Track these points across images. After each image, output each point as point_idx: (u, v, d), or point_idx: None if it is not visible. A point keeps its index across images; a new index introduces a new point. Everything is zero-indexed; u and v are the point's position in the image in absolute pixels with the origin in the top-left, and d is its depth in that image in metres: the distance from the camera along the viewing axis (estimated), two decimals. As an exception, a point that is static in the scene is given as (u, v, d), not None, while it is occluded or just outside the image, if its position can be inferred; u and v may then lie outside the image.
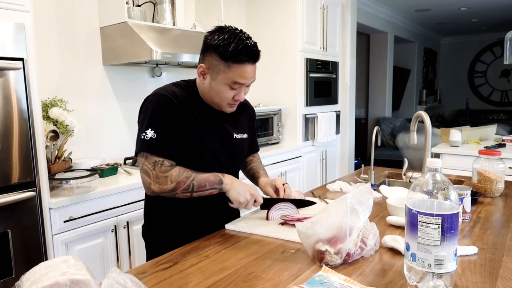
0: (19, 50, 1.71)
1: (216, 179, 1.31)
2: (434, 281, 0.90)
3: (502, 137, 3.59)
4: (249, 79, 1.32)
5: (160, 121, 1.28)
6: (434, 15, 6.58)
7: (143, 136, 1.27)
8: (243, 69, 1.28)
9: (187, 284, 0.99)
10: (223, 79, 1.29)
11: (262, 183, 1.55)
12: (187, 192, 1.28)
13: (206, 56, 1.31)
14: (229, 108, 1.39)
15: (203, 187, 1.29)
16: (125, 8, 2.39)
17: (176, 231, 1.41)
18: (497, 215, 1.51)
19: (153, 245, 1.46)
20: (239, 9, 3.70)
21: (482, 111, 8.79)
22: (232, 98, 1.34)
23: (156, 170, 1.26)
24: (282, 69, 3.63)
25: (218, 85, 1.31)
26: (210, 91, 1.34)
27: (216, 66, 1.29)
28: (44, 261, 0.83)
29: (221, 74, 1.29)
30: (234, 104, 1.38)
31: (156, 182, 1.26)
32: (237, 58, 1.26)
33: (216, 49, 1.27)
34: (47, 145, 2.07)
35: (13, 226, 1.72)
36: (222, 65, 1.28)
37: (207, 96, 1.37)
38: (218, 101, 1.35)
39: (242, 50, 1.26)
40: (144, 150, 1.28)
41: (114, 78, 2.68)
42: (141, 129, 1.29)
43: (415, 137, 1.91)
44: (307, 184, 3.66)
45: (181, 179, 1.26)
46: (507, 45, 2.88)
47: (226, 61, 1.26)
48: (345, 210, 1.05)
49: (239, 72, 1.28)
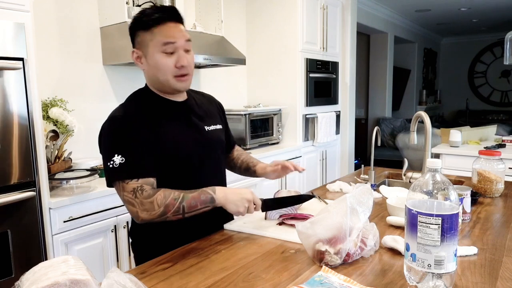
0: (19, 50, 1.71)
1: (207, 198, 1.21)
2: (434, 281, 0.90)
3: (502, 137, 3.59)
4: (178, 38, 1.24)
5: (124, 143, 1.19)
6: (434, 16, 6.58)
7: (111, 165, 1.17)
8: (166, 28, 1.23)
9: (187, 284, 0.99)
10: (154, 47, 1.23)
11: (260, 169, 1.51)
12: (179, 214, 1.19)
13: (135, 41, 1.29)
14: (178, 82, 1.27)
15: (194, 207, 1.20)
16: (125, 8, 2.39)
17: (165, 232, 1.34)
18: (497, 215, 1.51)
19: (141, 245, 1.40)
20: (239, 9, 3.70)
21: (482, 112, 8.79)
22: (174, 66, 1.24)
23: (139, 197, 1.16)
24: (282, 69, 3.63)
25: (153, 57, 1.24)
26: (152, 70, 1.26)
27: (143, 41, 1.25)
28: (44, 261, 0.83)
29: (150, 45, 1.23)
30: (180, 75, 1.26)
31: (143, 210, 1.16)
32: (155, 20, 1.22)
33: (136, 25, 1.26)
34: (47, 145, 2.07)
35: (13, 226, 1.72)
36: (147, 35, 1.24)
37: (154, 79, 1.29)
38: (162, 75, 1.25)
39: (157, 11, 1.24)
40: (117, 179, 1.18)
41: (114, 78, 2.68)
42: (107, 159, 1.18)
43: (415, 137, 1.91)
44: (307, 184, 3.66)
45: (168, 201, 1.17)
46: (507, 45, 2.88)
47: (148, 29, 1.23)
48: (345, 210, 1.05)
49: (163, 32, 1.23)
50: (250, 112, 3.26)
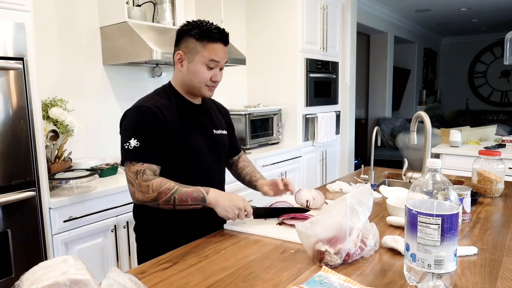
0: (19, 50, 1.71)
1: (199, 196, 1.30)
2: (434, 281, 0.90)
3: (502, 137, 3.59)
4: (223, 58, 1.41)
5: (143, 130, 1.32)
6: (434, 16, 6.58)
7: (126, 146, 1.31)
8: (217, 47, 1.38)
9: (187, 284, 0.99)
10: (200, 59, 1.37)
11: (259, 186, 1.58)
12: (169, 204, 1.29)
13: (181, 43, 1.40)
14: (208, 91, 1.44)
15: (184, 201, 1.29)
16: (125, 8, 2.39)
17: (166, 226, 1.42)
18: (497, 215, 1.51)
19: (144, 240, 1.47)
20: (239, 9, 3.70)
21: (482, 112, 8.78)
22: (209, 79, 1.40)
23: (139, 179, 1.29)
24: (282, 69, 3.63)
25: (196, 66, 1.38)
26: (189, 75, 1.40)
27: (192, 48, 1.38)
28: (43, 261, 0.83)
29: (198, 55, 1.37)
30: (212, 86, 1.43)
31: (139, 191, 1.29)
32: (211, 36, 1.37)
33: (191, 32, 1.37)
34: (47, 145, 2.07)
35: (13, 226, 1.72)
36: (198, 45, 1.37)
37: (187, 82, 1.42)
38: (197, 83, 1.40)
39: (214, 30, 1.38)
40: (128, 159, 1.31)
41: (114, 78, 2.68)
42: (124, 140, 1.33)
43: (415, 137, 1.91)
44: (307, 184, 3.66)
45: (162, 189, 1.27)
46: (507, 45, 2.88)
47: (202, 41, 1.36)
48: (345, 210, 1.05)
49: (214, 50, 1.38)
50: (250, 112, 3.26)
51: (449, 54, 9.31)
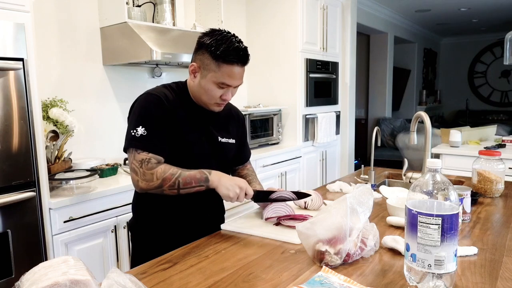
0: (19, 50, 1.71)
1: (202, 177, 1.31)
2: (434, 281, 0.90)
3: (502, 137, 3.59)
4: (237, 80, 1.35)
5: (152, 119, 1.31)
6: (434, 16, 6.58)
7: (133, 133, 1.30)
8: (232, 70, 1.32)
9: (187, 285, 0.99)
10: (212, 78, 1.33)
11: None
12: (174, 189, 1.29)
13: (198, 55, 1.35)
14: (217, 107, 1.41)
15: (188, 184, 1.29)
16: (125, 8, 2.39)
17: (163, 225, 1.42)
18: (497, 215, 1.51)
19: (140, 238, 1.47)
20: (239, 9, 3.70)
21: (482, 112, 8.79)
22: (219, 97, 1.37)
23: (143, 168, 1.28)
24: (282, 70, 3.63)
25: (207, 83, 1.34)
26: (199, 89, 1.37)
27: (207, 65, 1.33)
28: (44, 261, 0.83)
29: (211, 73, 1.33)
30: (221, 103, 1.41)
31: (143, 180, 1.28)
32: (227, 58, 1.30)
33: (208, 49, 1.31)
34: (47, 145, 2.07)
35: (13, 226, 1.72)
36: (212, 64, 1.31)
37: (196, 94, 1.40)
38: (206, 99, 1.38)
39: (232, 51, 1.30)
40: (133, 146, 1.30)
41: (114, 78, 2.68)
42: (132, 126, 1.31)
43: (415, 137, 1.91)
44: (307, 184, 3.66)
45: (166, 175, 1.27)
46: (507, 45, 2.88)
47: (217, 61, 1.30)
48: (345, 210, 1.05)
49: (228, 72, 1.32)
50: (250, 112, 3.26)
51: (449, 54, 9.31)
